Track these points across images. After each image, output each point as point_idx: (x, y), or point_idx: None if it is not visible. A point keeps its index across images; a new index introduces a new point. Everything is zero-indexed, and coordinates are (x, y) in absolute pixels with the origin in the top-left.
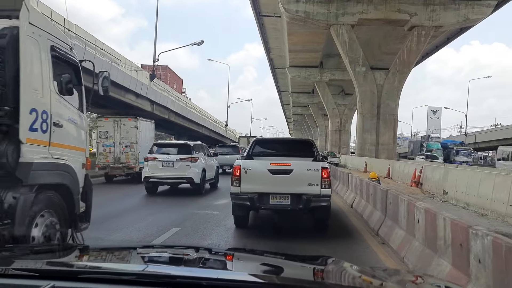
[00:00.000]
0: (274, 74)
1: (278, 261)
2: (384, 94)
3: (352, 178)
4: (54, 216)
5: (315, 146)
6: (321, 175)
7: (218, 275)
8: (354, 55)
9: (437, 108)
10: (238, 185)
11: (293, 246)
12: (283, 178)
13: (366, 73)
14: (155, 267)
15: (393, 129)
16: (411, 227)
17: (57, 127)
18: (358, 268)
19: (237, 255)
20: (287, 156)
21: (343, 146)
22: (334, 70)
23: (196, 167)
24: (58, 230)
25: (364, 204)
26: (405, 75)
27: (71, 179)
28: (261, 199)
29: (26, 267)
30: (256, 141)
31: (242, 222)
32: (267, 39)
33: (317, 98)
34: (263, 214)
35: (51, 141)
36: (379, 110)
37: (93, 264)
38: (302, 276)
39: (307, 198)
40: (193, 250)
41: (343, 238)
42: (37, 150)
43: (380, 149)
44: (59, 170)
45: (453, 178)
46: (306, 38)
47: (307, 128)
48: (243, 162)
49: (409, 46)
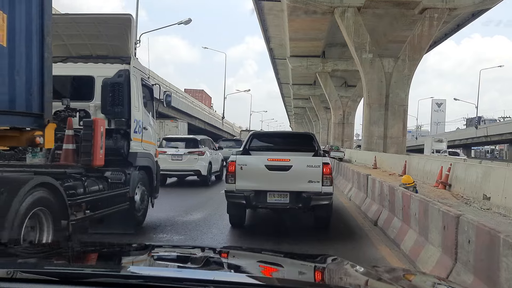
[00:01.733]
0: (274, 65)
1: (279, 260)
2: (393, 83)
3: (374, 184)
4: (146, 187)
5: (316, 140)
6: (322, 172)
7: (218, 277)
8: (361, 40)
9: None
10: (233, 182)
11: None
12: (281, 174)
13: (373, 60)
14: (162, 270)
15: (402, 121)
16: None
17: (145, 130)
18: (358, 268)
19: (235, 253)
20: (286, 151)
21: (346, 140)
22: (337, 60)
23: (203, 160)
24: (147, 196)
25: (400, 225)
26: (415, 62)
27: (152, 163)
28: (258, 197)
29: (33, 270)
30: (254, 134)
31: (238, 222)
32: (266, 27)
33: (319, 90)
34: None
35: (142, 139)
36: (388, 100)
37: (98, 266)
38: (303, 277)
39: (307, 196)
40: (199, 250)
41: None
42: (137, 145)
43: (389, 142)
44: (147, 157)
45: (499, 180)
46: (307, 25)
47: (308, 121)
48: (238, 157)
49: (420, 30)
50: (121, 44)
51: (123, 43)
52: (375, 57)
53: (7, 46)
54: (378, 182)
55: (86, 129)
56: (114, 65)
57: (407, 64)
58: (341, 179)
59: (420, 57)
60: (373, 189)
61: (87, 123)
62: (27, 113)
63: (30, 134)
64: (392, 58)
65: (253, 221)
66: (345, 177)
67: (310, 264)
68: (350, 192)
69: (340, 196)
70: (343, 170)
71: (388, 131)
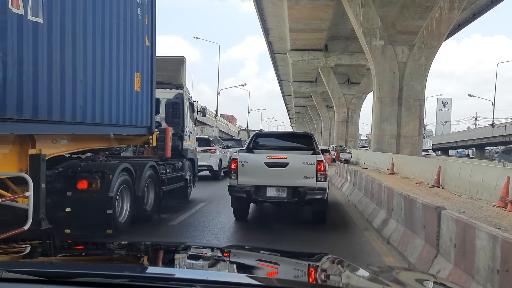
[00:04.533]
0: (273, 60)
1: (276, 259)
2: (408, 74)
3: (447, 225)
4: (191, 172)
5: (315, 140)
6: (317, 168)
7: (213, 277)
8: (370, 25)
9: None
10: (236, 178)
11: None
12: (279, 171)
13: (385, 47)
14: (149, 268)
15: (418, 118)
16: None
17: (190, 133)
18: (353, 266)
19: (235, 252)
20: (286, 149)
21: (351, 139)
22: (341, 54)
23: (214, 157)
24: (192, 178)
25: None
26: (434, 50)
27: (195, 156)
28: (258, 192)
29: (20, 270)
30: (257, 134)
31: (242, 215)
32: (264, 17)
33: (321, 87)
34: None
35: (189, 139)
36: (401, 94)
37: (86, 266)
38: (300, 277)
39: (303, 191)
40: (191, 248)
41: None
42: (187, 144)
43: (402, 142)
44: (192, 152)
45: None
46: (309, 14)
47: (309, 120)
48: (240, 155)
49: (439, 13)
50: (176, 75)
51: (177, 74)
52: (386, 44)
53: (140, 90)
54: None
55: (161, 133)
56: (172, 90)
57: (424, 53)
58: (360, 194)
59: (439, 45)
60: (442, 234)
61: (162, 129)
62: (145, 126)
63: (145, 137)
64: (406, 46)
65: (256, 214)
66: (366, 191)
67: (307, 263)
68: (377, 219)
69: (363, 228)
70: (362, 181)
71: (402, 129)
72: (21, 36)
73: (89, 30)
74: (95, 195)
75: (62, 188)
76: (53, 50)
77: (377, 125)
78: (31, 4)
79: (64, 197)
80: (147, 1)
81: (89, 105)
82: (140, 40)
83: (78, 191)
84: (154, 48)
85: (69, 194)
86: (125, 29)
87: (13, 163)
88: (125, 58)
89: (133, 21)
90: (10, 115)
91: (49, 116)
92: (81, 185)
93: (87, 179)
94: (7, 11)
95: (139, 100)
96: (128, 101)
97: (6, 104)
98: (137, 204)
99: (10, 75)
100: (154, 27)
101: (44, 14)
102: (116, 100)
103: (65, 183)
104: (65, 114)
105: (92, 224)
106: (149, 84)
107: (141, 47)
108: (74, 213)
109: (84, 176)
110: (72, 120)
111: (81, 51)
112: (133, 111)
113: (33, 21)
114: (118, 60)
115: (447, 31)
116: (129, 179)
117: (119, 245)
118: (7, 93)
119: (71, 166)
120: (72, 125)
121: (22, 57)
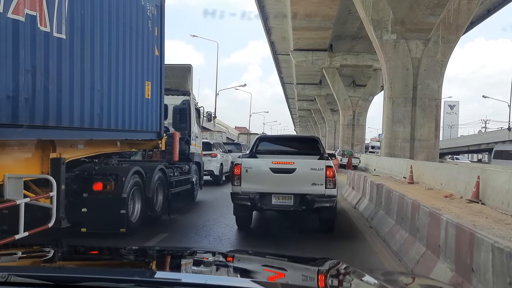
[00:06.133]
0: (276, 62)
1: (282, 263)
2: (423, 71)
3: None
4: (197, 176)
5: (321, 144)
6: (326, 174)
7: (218, 282)
8: (381, 17)
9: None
10: (239, 185)
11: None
12: (285, 177)
13: (397, 42)
14: (155, 273)
15: (435, 119)
16: None
17: (196, 138)
18: (357, 271)
19: (239, 257)
20: (291, 154)
21: (357, 143)
22: (346, 54)
23: (215, 161)
24: (198, 181)
25: None
26: (451, 44)
27: (201, 160)
28: (263, 199)
29: (27, 274)
30: (260, 138)
31: (244, 223)
32: (266, 15)
33: (325, 89)
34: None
35: (196, 144)
36: (415, 93)
37: (92, 270)
38: (304, 282)
39: (311, 199)
40: (196, 253)
41: None
42: (193, 148)
43: (417, 146)
44: (198, 156)
45: None
46: (313, 9)
47: (313, 124)
48: (244, 160)
49: (457, 4)
50: (183, 82)
51: (184, 81)
52: (399, 38)
53: (150, 98)
54: None
55: (169, 138)
56: (179, 97)
57: (440, 47)
58: (390, 221)
59: (457, 39)
60: None
61: (170, 134)
62: (155, 131)
63: (154, 142)
64: (420, 40)
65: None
66: (403, 221)
67: (310, 268)
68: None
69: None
70: (391, 202)
71: (417, 132)
72: (48, 50)
73: (105, 43)
74: (109, 196)
75: (78, 190)
76: (74, 62)
77: (388, 128)
78: (56, 22)
79: (80, 198)
80: (157, 14)
81: (105, 112)
82: (151, 51)
83: (93, 192)
84: (163, 57)
85: (85, 195)
86: (137, 41)
87: (36, 166)
88: (137, 68)
89: (144, 33)
90: (38, 122)
91: (71, 123)
92: (96, 186)
93: (102, 181)
94: (36, 29)
95: (149, 107)
96: (140, 108)
97: (35, 113)
98: (147, 205)
99: (38, 87)
100: (163, 38)
101: (66, 30)
102: (129, 107)
103: (81, 185)
104: (84, 121)
105: (106, 223)
106: (158, 92)
107: (151, 57)
108: (90, 213)
109: (99, 178)
110: (90, 126)
111: (98, 63)
112: (144, 117)
113: (58, 38)
114: (131, 70)
115: (466, 23)
116: (140, 182)
117: (126, 250)
118: (35, 103)
119: (87, 169)
120: (90, 131)
121: (49, 69)
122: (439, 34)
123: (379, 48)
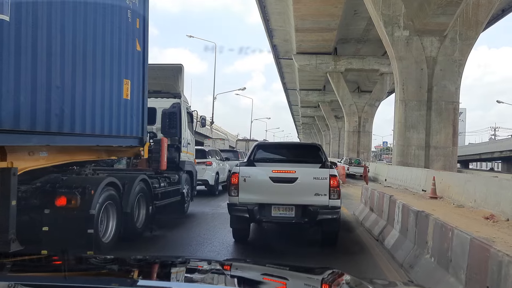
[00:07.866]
0: (279, 67)
1: (282, 273)
2: (439, 71)
3: None
4: (189, 186)
5: (323, 151)
6: (330, 184)
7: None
8: (392, 12)
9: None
10: (236, 195)
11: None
12: (286, 187)
13: (409, 39)
14: (155, 283)
15: (452, 124)
16: None
17: (188, 145)
18: (357, 280)
19: (236, 266)
20: (292, 162)
21: (363, 151)
22: (351, 57)
23: (210, 170)
24: (190, 192)
25: None
26: (470, 41)
27: (193, 168)
28: (262, 211)
29: (33, 283)
30: (258, 145)
31: (242, 236)
32: (268, 16)
33: (329, 95)
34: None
35: (187, 151)
36: (430, 96)
37: (97, 280)
38: None
39: (314, 210)
40: (198, 262)
41: None
42: (184, 155)
43: (433, 154)
44: (190, 164)
45: None
46: (317, 8)
47: (317, 131)
48: (241, 169)
49: None
50: (173, 84)
51: (175, 83)
52: (412, 35)
53: (129, 99)
54: None
55: (156, 144)
56: (169, 100)
57: (458, 45)
58: (442, 272)
59: (477, 35)
60: None
61: (157, 140)
62: (135, 137)
63: (136, 149)
64: (436, 37)
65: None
66: (457, 269)
67: (309, 277)
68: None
69: None
70: (444, 239)
71: (432, 138)
72: None
73: (68, 31)
74: (74, 213)
75: (39, 205)
76: (22, 52)
77: (401, 134)
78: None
79: (41, 215)
80: (139, 4)
81: (67, 113)
82: (130, 45)
83: (56, 208)
84: (147, 54)
85: (46, 212)
86: (113, 32)
87: None
88: (112, 64)
89: (121, 24)
90: None
91: (16, 125)
92: (59, 201)
93: (66, 195)
94: None
95: (127, 109)
96: (115, 110)
97: None
98: (125, 221)
99: None
100: (146, 32)
101: (11, 11)
102: (101, 109)
103: (42, 200)
104: (36, 123)
105: (71, 244)
106: (140, 92)
107: (130, 52)
108: (52, 232)
109: (63, 192)
110: (46, 129)
111: (57, 54)
112: (121, 121)
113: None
114: (104, 66)
115: (486, 19)
116: (115, 195)
117: (130, 259)
118: None
119: (51, 181)
120: (46, 135)
121: None
122: (456, 30)
123: (390, 46)
